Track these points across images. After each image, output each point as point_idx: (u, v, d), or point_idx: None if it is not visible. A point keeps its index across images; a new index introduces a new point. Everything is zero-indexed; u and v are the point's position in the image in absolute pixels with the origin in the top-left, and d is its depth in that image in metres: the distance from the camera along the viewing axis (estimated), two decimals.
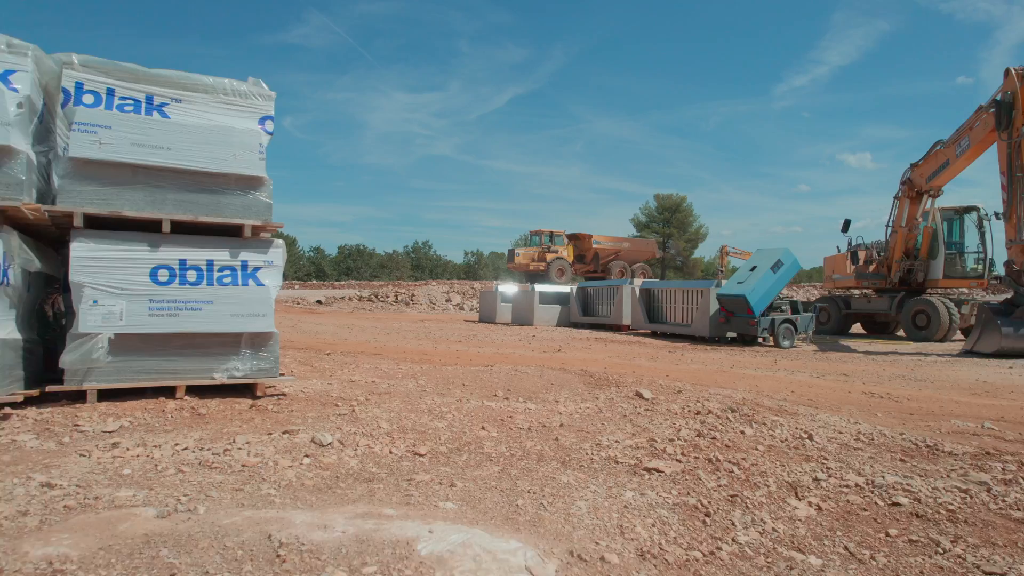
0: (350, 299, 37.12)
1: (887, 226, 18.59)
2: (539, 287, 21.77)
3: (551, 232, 41.49)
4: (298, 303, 34.30)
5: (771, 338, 14.53)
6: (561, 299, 22.35)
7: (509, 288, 24.31)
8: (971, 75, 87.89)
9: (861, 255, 19.19)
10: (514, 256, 40.67)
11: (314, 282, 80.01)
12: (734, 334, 15.38)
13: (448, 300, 36.09)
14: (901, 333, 20.20)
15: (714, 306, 15.41)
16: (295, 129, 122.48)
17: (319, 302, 34.89)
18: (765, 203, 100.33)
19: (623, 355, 11.62)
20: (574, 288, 21.80)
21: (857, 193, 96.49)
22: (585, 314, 21.41)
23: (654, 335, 17.46)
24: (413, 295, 36.40)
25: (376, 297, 36.74)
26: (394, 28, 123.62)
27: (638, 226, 78.12)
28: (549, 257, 40.35)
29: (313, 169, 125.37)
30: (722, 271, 46.39)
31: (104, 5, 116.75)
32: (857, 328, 21.10)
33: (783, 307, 14.97)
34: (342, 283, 76.45)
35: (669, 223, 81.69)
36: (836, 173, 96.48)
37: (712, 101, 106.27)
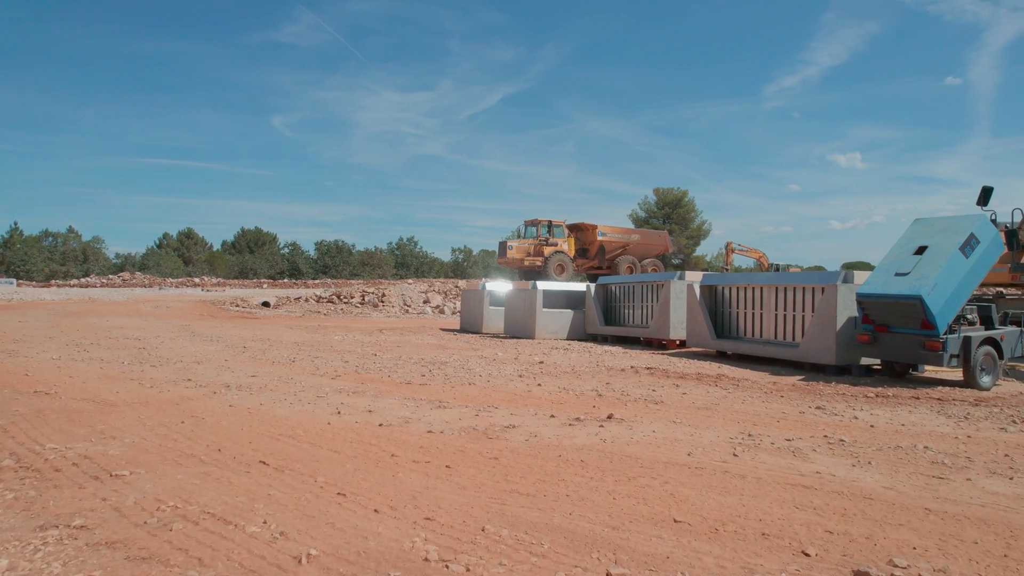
0: (307, 300, 30.71)
1: None
2: (543, 285, 15.48)
3: (549, 222, 35.22)
4: (237, 305, 27.82)
5: (927, 366, 8.38)
6: (573, 301, 16.06)
7: (501, 286, 18.00)
8: (960, 75, 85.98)
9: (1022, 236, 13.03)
10: (506, 250, 34.34)
11: (286, 281, 73.71)
12: (875, 361, 9.19)
13: (426, 302, 29.77)
14: None
15: (844, 315, 9.21)
16: (285, 128, 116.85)
17: (265, 304, 28.45)
18: (756, 203, 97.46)
19: (761, 429, 5.30)
20: (591, 287, 15.52)
21: (847, 193, 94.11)
22: (609, 322, 15.12)
23: (723, 357, 11.22)
24: (384, 295, 30.01)
25: (338, 298, 30.34)
26: (385, 27, 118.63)
27: (637, 222, 72.99)
28: (547, 251, 34.08)
29: (303, 169, 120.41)
30: (726, 269, 40.31)
31: (90, 3, 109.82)
32: None
33: (969, 315, 8.76)
34: (316, 282, 70.55)
35: (670, 218, 76.69)
36: (826, 173, 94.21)
37: (703, 101, 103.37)
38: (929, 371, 9.67)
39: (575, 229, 36.69)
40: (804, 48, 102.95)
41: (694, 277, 12.87)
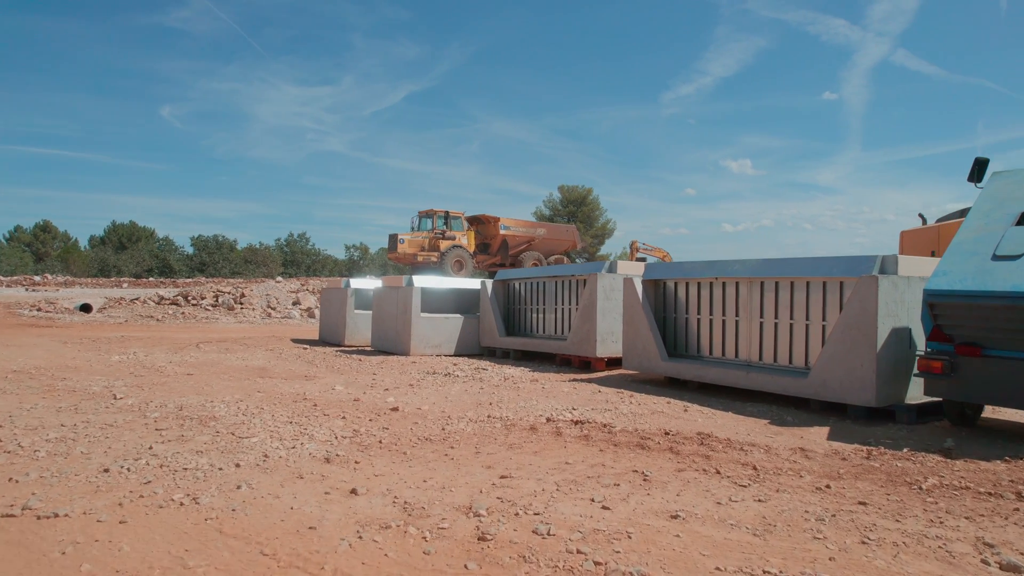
0: (146, 301, 24.86)
1: None
2: (421, 281, 11.27)
3: (446, 213, 31.08)
4: (40, 309, 21.68)
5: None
6: (463, 302, 11.97)
7: (367, 283, 13.64)
8: (835, 91, 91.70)
9: None
10: (397, 243, 29.90)
11: (151, 279, 65.54)
12: (930, 398, 5.69)
13: (296, 303, 24.77)
14: None
15: (886, 325, 5.64)
16: (175, 119, 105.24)
17: (85, 307, 22.44)
18: (654, 206, 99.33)
19: None
20: (487, 284, 11.50)
21: (738, 198, 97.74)
22: (512, 331, 11.14)
23: (678, 386, 7.51)
24: (243, 296, 24.73)
25: (185, 299, 24.74)
26: (284, 17, 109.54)
27: (542, 220, 70.62)
28: (444, 245, 29.94)
29: (194, 162, 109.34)
30: None
31: None
32: None
33: None
34: (189, 280, 63.08)
35: (575, 216, 74.69)
36: (719, 178, 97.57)
37: (604, 106, 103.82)
38: (987, 412, 6.33)
39: (475, 222, 32.77)
40: (699, 58, 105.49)
41: (631, 269, 9.10)
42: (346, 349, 12.35)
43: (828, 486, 3.74)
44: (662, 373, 7.81)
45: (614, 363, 9.20)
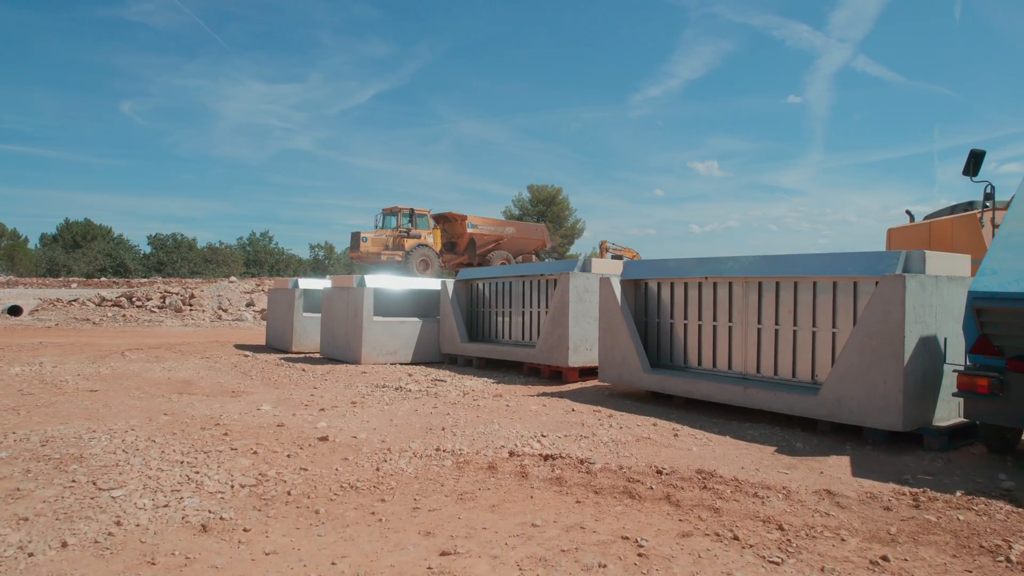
0: (85, 302, 23.14)
1: None
2: (374, 281, 10.13)
3: (411, 210, 29.79)
4: None
5: None
6: (422, 305, 10.85)
7: (318, 284, 12.42)
8: (800, 94, 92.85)
9: None
10: (360, 242, 28.54)
11: (104, 279, 62.80)
12: (962, 419, 4.82)
13: (249, 304, 23.30)
14: None
15: (914, 334, 4.72)
16: (136, 115, 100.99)
17: (13, 310, 20.65)
18: (622, 207, 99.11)
19: None
20: (448, 284, 10.40)
21: (705, 199, 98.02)
22: (475, 337, 10.06)
23: (662, 401, 6.54)
24: (192, 297, 23.18)
25: (129, 300, 23.09)
26: (250, 13, 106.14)
27: (511, 219, 69.71)
28: (409, 244, 28.70)
29: (157, 160, 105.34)
30: None
31: None
32: None
33: None
34: (144, 280, 60.48)
35: (544, 216, 74.00)
36: (687, 180, 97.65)
37: (573, 107, 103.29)
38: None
39: (442, 220, 31.53)
40: (667, 60, 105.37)
41: (608, 268, 8.10)
42: (292, 356, 11.14)
43: (885, 558, 2.76)
44: (644, 387, 6.82)
45: (588, 373, 8.19)
